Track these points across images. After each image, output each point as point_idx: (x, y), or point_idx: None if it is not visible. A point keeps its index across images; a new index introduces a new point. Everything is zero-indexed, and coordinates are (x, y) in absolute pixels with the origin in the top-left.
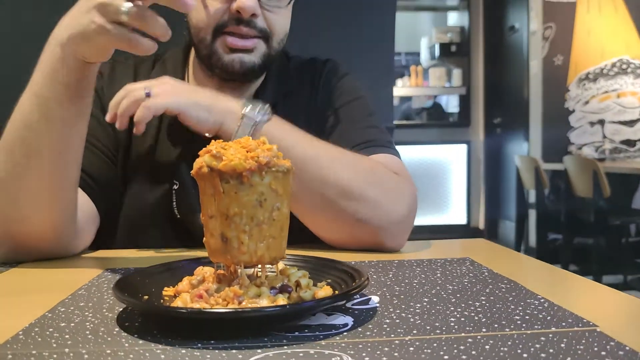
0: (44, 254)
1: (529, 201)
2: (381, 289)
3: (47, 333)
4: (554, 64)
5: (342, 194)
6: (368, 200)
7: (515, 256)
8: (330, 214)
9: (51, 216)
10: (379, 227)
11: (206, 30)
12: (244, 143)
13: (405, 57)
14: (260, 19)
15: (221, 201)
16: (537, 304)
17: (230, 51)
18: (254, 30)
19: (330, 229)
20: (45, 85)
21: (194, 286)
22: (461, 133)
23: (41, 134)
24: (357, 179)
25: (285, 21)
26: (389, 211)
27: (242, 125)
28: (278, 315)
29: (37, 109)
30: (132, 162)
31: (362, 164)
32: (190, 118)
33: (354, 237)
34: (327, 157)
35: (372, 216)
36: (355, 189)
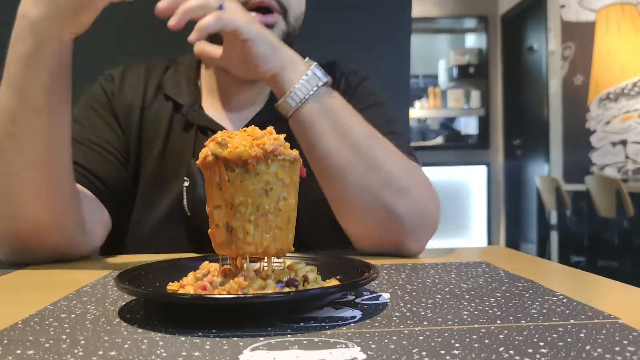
0: (49, 252)
1: (550, 223)
2: (393, 287)
3: (47, 322)
4: (574, 83)
5: (387, 182)
6: (409, 194)
7: (534, 260)
8: (370, 202)
9: (51, 209)
10: (410, 226)
11: None
12: (250, 132)
13: (423, 79)
14: None
15: (226, 190)
16: (555, 300)
17: None
18: (275, 4)
19: (363, 219)
20: (25, 74)
21: (198, 279)
22: (480, 155)
23: (29, 126)
24: (402, 171)
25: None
26: (424, 210)
27: (306, 81)
28: (281, 302)
29: (21, 102)
30: (143, 161)
31: (404, 158)
32: (256, 49)
33: (382, 233)
34: (380, 141)
35: (409, 212)
36: (400, 180)
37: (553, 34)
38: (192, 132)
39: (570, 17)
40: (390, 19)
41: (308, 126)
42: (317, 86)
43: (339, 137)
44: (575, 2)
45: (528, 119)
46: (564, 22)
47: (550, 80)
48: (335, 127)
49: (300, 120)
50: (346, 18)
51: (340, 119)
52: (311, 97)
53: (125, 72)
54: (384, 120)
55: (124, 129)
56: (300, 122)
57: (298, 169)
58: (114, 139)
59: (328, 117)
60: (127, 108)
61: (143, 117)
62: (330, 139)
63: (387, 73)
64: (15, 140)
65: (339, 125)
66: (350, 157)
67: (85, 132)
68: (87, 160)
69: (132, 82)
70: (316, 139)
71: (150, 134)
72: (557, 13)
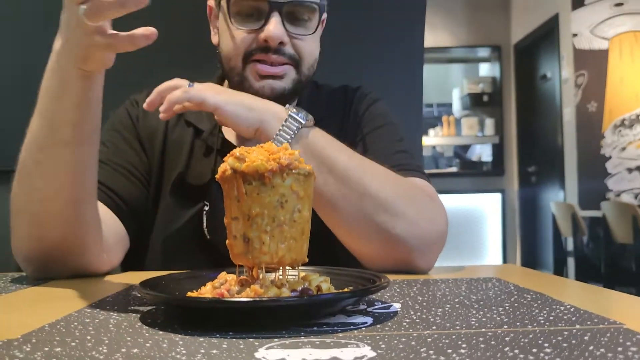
0: (70, 270)
1: (566, 249)
2: (404, 298)
3: (72, 326)
4: (588, 110)
5: (381, 207)
6: (406, 217)
7: (545, 276)
8: (367, 227)
9: (75, 233)
10: (413, 246)
11: (236, 59)
12: (266, 147)
13: (437, 108)
14: (289, 46)
15: (244, 202)
16: (562, 309)
17: (260, 78)
18: (283, 57)
19: (364, 242)
20: (52, 107)
21: (216, 288)
22: (495, 182)
23: (54, 152)
24: (397, 194)
25: (313, 47)
26: (424, 230)
27: (285, 126)
28: (295, 306)
29: (47, 127)
30: (164, 184)
31: (401, 182)
32: (228, 115)
33: (387, 254)
34: (369, 170)
35: (408, 233)
36: (394, 204)
37: (566, 62)
38: (212, 156)
39: (583, 45)
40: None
41: None
42: (297, 128)
43: (324, 172)
44: (588, 30)
45: (542, 146)
46: (576, 50)
47: (564, 108)
48: (320, 164)
49: None
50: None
51: (323, 154)
52: (293, 139)
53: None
54: (394, 140)
55: (147, 152)
56: None
57: (312, 183)
58: (137, 161)
59: (312, 155)
60: (151, 132)
61: (166, 141)
62: (317, 175)
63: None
64: (42, 168)
65: (323, 160)
66: (339, 189)
67: (110, 153)
68: (110, 179)
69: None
70: None
71: (172, 157)
72: (569, 41)
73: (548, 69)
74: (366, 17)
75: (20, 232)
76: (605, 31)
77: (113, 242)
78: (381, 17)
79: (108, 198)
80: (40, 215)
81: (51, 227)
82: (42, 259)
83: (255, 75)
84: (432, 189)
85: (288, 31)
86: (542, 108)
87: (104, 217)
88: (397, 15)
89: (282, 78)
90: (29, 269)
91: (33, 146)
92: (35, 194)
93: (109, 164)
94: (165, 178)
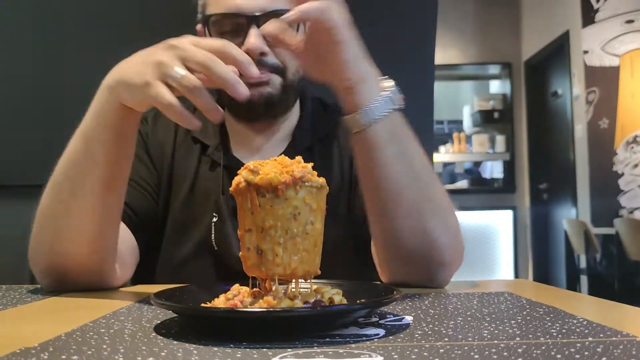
0: (86, 284)
1: (579, 267)
2: (416, 311)
3: (88, 335)
4: (600, 127)
5: (436, 213)
6: (450, 230)
7: (558, 290)
8: (417, 227)
9: (94, 251)
10: (446, 256)
11: None
12: (280, 160)
13: (447, 125)
14: (271, 55)
15: (257, 215)
16: (575, 322)
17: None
18: (265, 67)
19: (404, 241)
20: (91, 126)
21: (229, 300)
22: (506, 199)
23: (86, 173)
24: (449, 208)
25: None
26: (459, 245)
27: (382, 101)
28: (308, 317)
29: (82, 148)
30: (172, 199)
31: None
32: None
33: (418, 258)
34: (435, 176)
35: (447, 244)
36: (446, 214)
37: (577, 79)
38: (218, 171)
39: (594, 62)
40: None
41: (373, 147)
42: (388, 110)
43: (401, 162)
44: (599, 47)
45: (554, 163)
46: (587, 67)
47: (575, 125)
48: (399, 153)
49: (366, 139)
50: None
51: (404, 145)
52: (381, 119)
53: (158, 115)
54: None
55: (156, 166)
56: (365, 140)
57: (325, 196)
58: (147, 174)
59: (394, 142)
60: (160, 148)
61: (174, 156)
62: (393, 163)
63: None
64: (71, 183)
65: (403, 151)
66: (408, 182)
67: None
68: None
69: (164, 124)
70: (378, 160)
71: (180, 172)
72: (580, 58)
73: (559, 85)
74: (377, 35)
75: (42, 244)
76: (616, 48)
77: (126, 255)
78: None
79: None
80: (65, 230)
81: (75, 243)
82: (60, 273)
83: None
84: None
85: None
86: (554, 125)
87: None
88: (407, 33)
89: (268, 84)
90: (44, 281)
91: (67, 161)
92: (64, 208)
93: None
94: (173, 193)
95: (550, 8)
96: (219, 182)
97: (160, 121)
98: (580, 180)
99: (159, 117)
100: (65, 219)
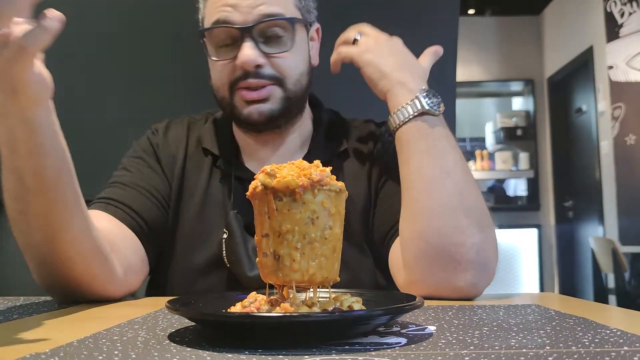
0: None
1: (607, 286)
2: (439, 321)
3: (100, 342)
4: (626, 143)
5: (470, 211)
6: (484, 231)
7: (587, 303)
8: (448, 223)
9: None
10: (477, 261)
11: (223, 89)
12: (297, 164)
13: (470, 142)
14: (268, 66)
15: (274, 219)
16: (608, 332)
17: (247, 104)
18: (263, 79)
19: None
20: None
21: (245, 307)
22: (531, 217)
23: (31, 204)
24: (485, 208)
25: (295, 62)
26: (491, 252)
27: (410, 104)
28: (326, 323)
29: (16, 182)
30: (182, 211)
31: (485, 203)
32: (368, 75)
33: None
34: (471, 176)
35: (480, 246)
36: (480, 213)
37: (602, 94)
38: (229, 182)
39: (619, 77)
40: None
41: (405, 143)
42: (416, 112)
43: (431, 157)
44: (624, 62)
45: (579, 180)
46: (612, 82)
47: (601, 141)
48: (430, 149)
49: (399, 137)
50: None
51: (436, 142)
52: (411, 120)
53: (169, 125)
54: None
55: (167, 177)
56: (399, 138)
57: (344, 200)
58: (159, 183)
59: (425, 139)
60: (171, 158)
61: (185, 167)
62: (423, 157)
63: None
64: (23, 217)
65: (433, 147)
66: (440, 176)
67: (133, 177)
68: (132, 200)
69: (176, 135)
70: (410, 155)
71: (191, 183)
72: (605, 74)
73: (583, 101)
74: None
75: (31, 269)
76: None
77: (133, 260)
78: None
79: (130, 218)
80: (39, 256)
81: (54, 265)
82: (58, 289)
83: (241, 103)
84: None
85: (264, 52)
86: (578, 141)
87: (125, 240)
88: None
89: (268, 100)
90: (51, 296)
91: (8, 196)
92: (27, 238)
93: (131, 186)
94: (183, 204)
95: (573, 24)
96: (230, 193)
97: (171, 133)
98: (607, 197)
99: (170, 128)
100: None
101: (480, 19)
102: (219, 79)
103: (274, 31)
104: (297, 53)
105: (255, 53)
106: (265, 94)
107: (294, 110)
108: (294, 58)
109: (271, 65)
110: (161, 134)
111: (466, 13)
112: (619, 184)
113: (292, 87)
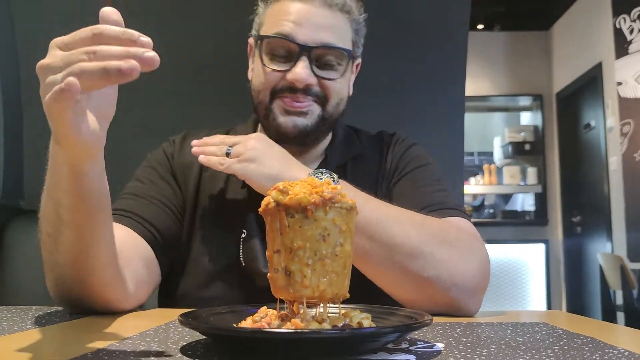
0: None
1: (615, 303)
2: (447, 339)
3: (114, 354)
4: (635, 159)
5: (409, 253)
6: (435, 258)
7: (595, 322)
8: (399, 273)
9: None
10: (448, 286)
11: (264, 93)
12: (309, 181)
13: (478, 156)
14: (316, 86)
15: (286, 235)
16: (616, 352)
17: (286, 113)
18: (309, 97)
19: (400, 287)
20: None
21: (256, 322)
22: (538, 232)
23: (61, 231)
24: (425, 238)
25: (341, 87)
26: (458, 270)
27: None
28: (337, 339)
29: (52, 210)
30: (198, 218)
31: (430, 224)
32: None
33: (425, 296)
34: (395, 219)
35: (439, 274)
36: (422, 248)
37: (611, 110)
38: (246, 189)
39: (628, 93)
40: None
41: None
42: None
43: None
44: (633, 78)
45: (587, 196)
46: (621, 98)
47: (609, 157)
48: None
49: None
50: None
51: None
52: None
53: (187, 136)
54: (432, 180)
55: (180, 185)
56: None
57: (354, 217)
58: (171, 194)
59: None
60: (186, 166)
61: (201, 175)
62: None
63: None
64: (53, 239)
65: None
66: (365, 244)
67: (146, 188)
68: (145, 211)
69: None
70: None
71: (208, 189)
72: (613, 90)
73: (592, 117)
74: (408, 67)
75: (48, 281)
76: None
77: (143, 272)
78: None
79: (143, 228)
80: (61, 275)
81: (73, 285)
82: (71, 302)
83: (281, 110)
84: (471, 226)
85: (315, 74)
86: (586, 157)
87: (138, 250)
88: (438, 65)
89: (307, 115)
90: (62, 307)
91: (43, 216)
92: (52, 257)
93: (144, 197)
94: (199, 211)
95: (582, 39)
96: (248, 199)
97: (187, 142)
98: (616, 213)
99: (187, 138)
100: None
101: (490, 34)
102: (264, 83)
103: (329, 58)
104: (344, 80)
105: (308, 73)
106: (306, 106)
107: (325, 132)
108: (340, 85)
109: (319, 85)
110: (177, 144)
111: (475, 28)
112: (627, 200)
113: (330, 110)
